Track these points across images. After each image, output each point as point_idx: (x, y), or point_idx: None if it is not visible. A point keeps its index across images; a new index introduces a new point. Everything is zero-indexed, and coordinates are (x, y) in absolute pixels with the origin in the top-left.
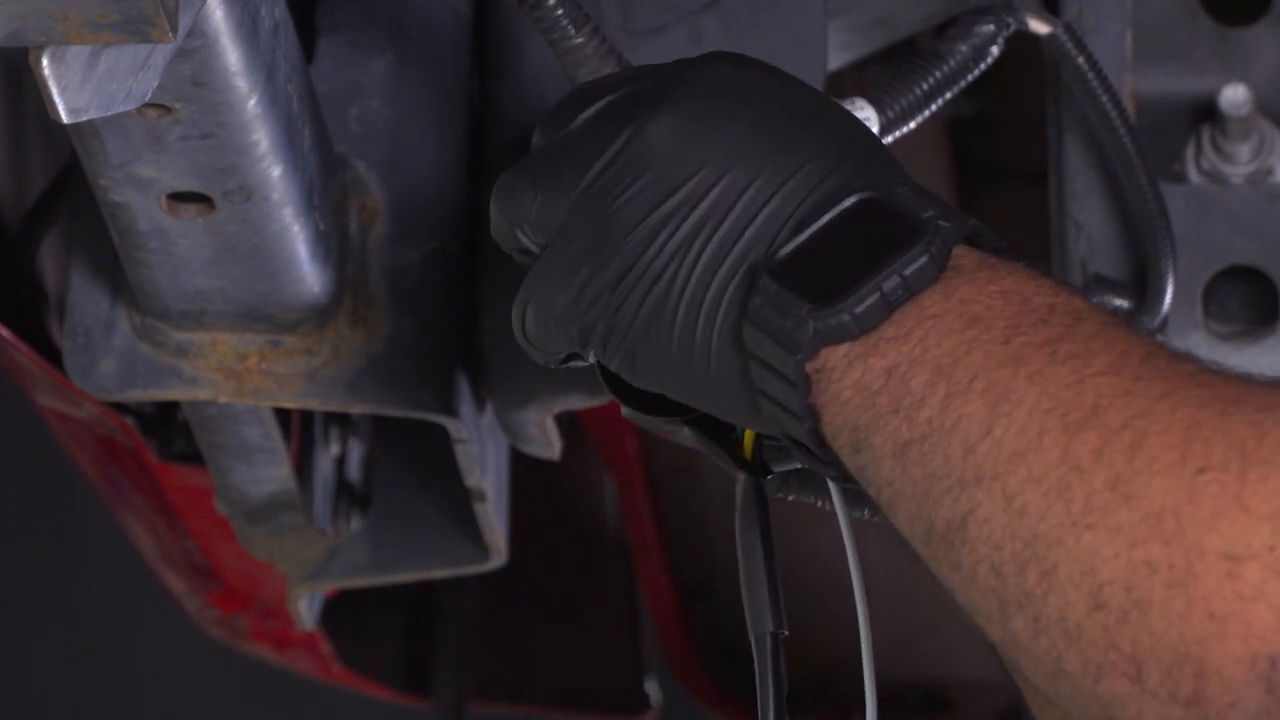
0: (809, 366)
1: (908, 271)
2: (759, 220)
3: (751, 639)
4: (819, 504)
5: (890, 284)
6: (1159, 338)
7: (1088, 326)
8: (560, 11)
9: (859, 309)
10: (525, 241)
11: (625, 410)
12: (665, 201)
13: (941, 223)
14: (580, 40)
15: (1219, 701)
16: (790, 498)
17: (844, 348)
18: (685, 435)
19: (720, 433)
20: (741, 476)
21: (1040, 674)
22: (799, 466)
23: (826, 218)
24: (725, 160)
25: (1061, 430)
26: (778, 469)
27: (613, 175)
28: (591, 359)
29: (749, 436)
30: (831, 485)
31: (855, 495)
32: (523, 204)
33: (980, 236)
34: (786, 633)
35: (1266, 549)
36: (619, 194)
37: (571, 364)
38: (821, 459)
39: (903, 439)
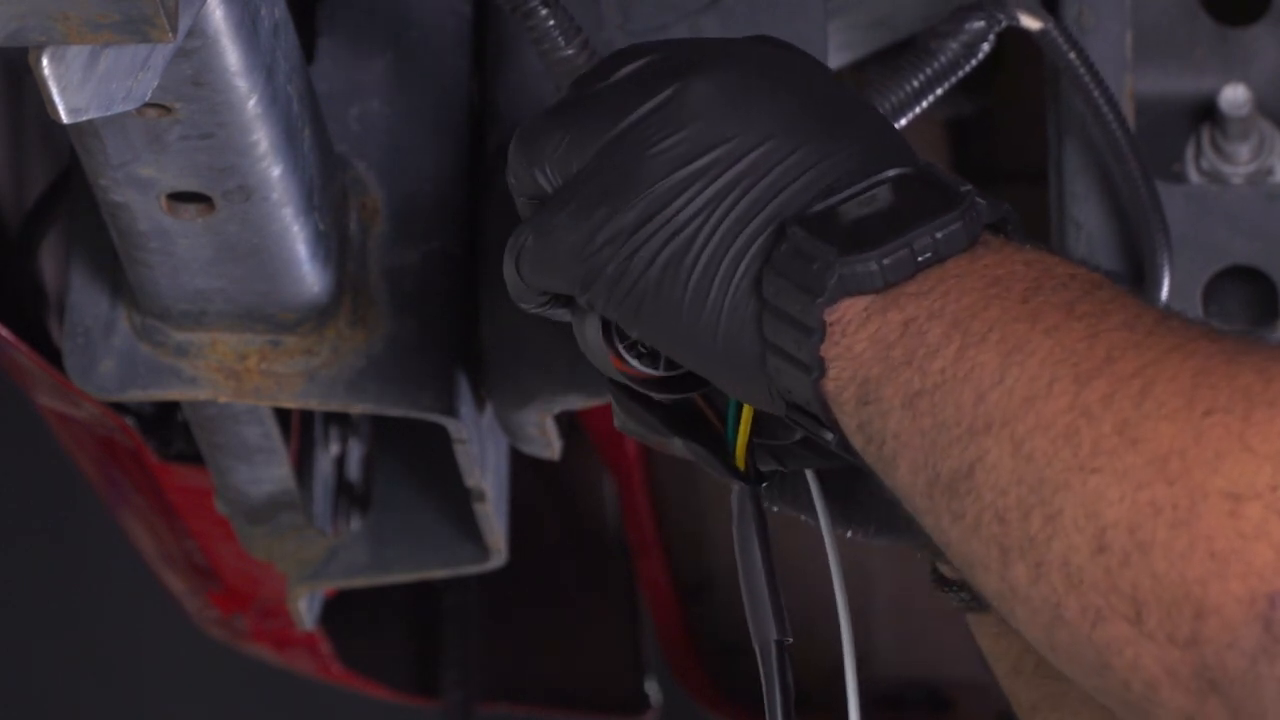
0: (826, 315)
1: (940, 234)
2: (795, 186)
3: (756, 648)
4: (802, 519)
5: (921, 242)
6: None
7: (1106, 293)
8: (552, 22)
9: (887, 260)
10: (543, 183)
11: (617, 421)
12: (701, 157)
13: (978, 199)
14: (570, 51)
15: (1217, 641)
16: (775, 509)
17: (864, 300)
18: (678, 445)
19: (714, 443)
20: (736, 486)
21: (1036, 623)
22: (782, 470)
23: (864, 183)
24: (767, 129)
25: (1073, 379)
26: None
27: (649, 127)
28: (584, 302)
29: (741, 445)
30: (811, 481)
31: (840, 513)
32: (549, 144)
33: (1010, 224)
34: (791, 640)
35: (1269, 488)
36: (653, 144)
37: (549, 312)
38: (821, 420)
39: (914, 389)
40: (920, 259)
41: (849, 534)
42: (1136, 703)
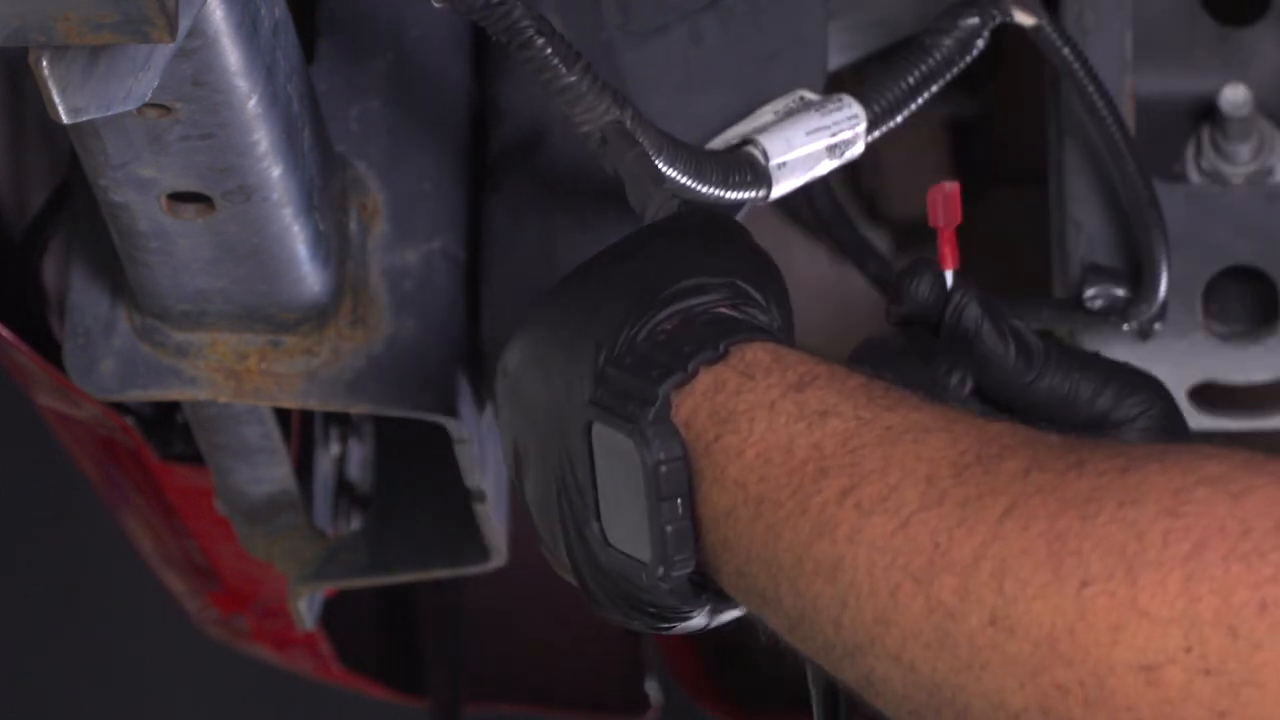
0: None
1: (670, 526)
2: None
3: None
4: None
5: (670, 521)
6: (1157, 326)
7: (872, 458)
8: (550, 50)
9: (670, 529)
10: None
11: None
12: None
13: (646, 413)
14: (573, 79)
15: None
16: None
17: (694, 603)
18: None
19: None
20: None
21: None
22: None
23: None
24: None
25: (912, 582)
26: None
27: (522, 468)
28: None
29: None
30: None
31: None
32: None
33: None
34: None
35: (1183, 651)
36: (523, 480)
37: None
38: None
39: (785, 626)
40: (680, 526)
41: None
42: None
